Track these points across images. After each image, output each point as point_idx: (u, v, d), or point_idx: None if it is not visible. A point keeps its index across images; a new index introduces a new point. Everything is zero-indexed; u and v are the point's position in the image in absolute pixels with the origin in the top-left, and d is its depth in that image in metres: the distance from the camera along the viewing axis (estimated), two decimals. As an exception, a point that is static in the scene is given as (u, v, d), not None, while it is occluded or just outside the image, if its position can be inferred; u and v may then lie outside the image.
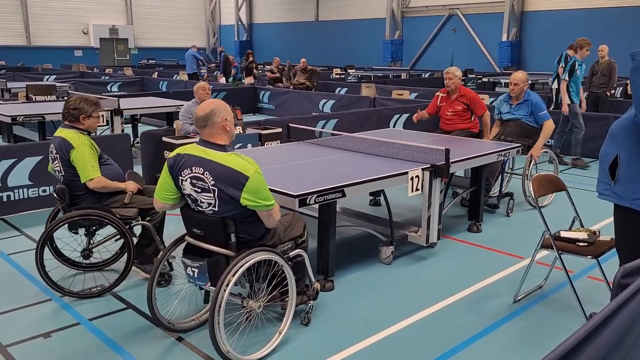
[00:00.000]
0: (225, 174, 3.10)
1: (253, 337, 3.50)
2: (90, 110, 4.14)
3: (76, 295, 4.07)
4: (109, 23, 29.54)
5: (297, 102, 13.71)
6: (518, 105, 6.40)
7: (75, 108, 4.11)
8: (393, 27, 24.63)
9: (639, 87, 2.87)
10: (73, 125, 4.13)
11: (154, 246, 4.32)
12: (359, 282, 4.41)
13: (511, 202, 6.21)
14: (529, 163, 6.24)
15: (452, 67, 6.73)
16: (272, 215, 3.25)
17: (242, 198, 3.10)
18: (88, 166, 3.98)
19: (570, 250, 3.76)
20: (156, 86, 16.55)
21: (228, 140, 3.27)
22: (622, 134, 3.12)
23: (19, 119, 8.02)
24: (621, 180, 3.15)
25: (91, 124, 4.19)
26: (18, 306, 3.98)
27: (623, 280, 1.92)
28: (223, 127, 3.21)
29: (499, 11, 20.84)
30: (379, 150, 5.32)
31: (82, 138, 4.06)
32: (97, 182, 4.01)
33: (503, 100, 6.61)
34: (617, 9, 18.08)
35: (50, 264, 4.11)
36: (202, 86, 7.03)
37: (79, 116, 4.11)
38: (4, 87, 12.86)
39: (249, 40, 31.99)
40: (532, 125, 6.35)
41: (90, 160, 4.00)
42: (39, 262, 3.95)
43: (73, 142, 3.99)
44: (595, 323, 1.54)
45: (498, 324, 3.76)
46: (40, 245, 3.96)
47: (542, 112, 6.26)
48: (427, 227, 4.76)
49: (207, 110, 3.20)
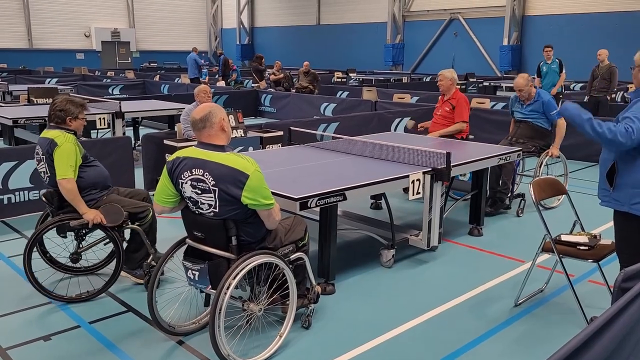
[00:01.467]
0: (225, 173, 3.11)
1: (254, 341, 3.50)
2: (76, 112, 4.10)
3: (64, 300, 4.04)
4: (111, 26, 29.57)
5: (299, 106, 13.72)
6: (529, 105, 6.41)
7: (62, 110, 4.07)
8: (394, 31, 24.66)
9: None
10: (59, 126, 4.09)
11: (143, 251, 4.25)
12: (360, 285, 4.41)
13: (522, 203, 6.28)
14: (540, 164, 6.28)
15: (444, 70, 6.78)
16: (272, 214, 3.25)
17: (243, 197, 3.10)
18: (67, 165, 3.90)
19: (571, 254, 3.76)
20: (158, 89, 16.57)
21: (226, 140, 3.29)
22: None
23: (20, 121, 8.03)
24: (619, 186, 3.22)
25: (77, 125, 4.14)
26: (18, 309, 3.98)
27: (624, 284, 1.93)
28: (221, 128, 3.24)
29: (500, 15, 20.87)
30: (380, 154, 5.32)
31: (67, 137, 4.00)
32: (68, 183, 3.90)
33: (514, 99, 6.65)
34: (617, 14, 18.09)
35: (37, 265, 4.07)
36: (203, 89, 7.01)
37: (65, 118, 4.08)
38: (5, 89, 12.89)
39: (250, 43, 32.03)
40: (543, 127, 6.38)
41: (70, 159, 3.92)
42: (26, 265, 3.92)
43: (57, 140, 3.94)
44: (596, 327, 1.54)
45: (499, 328, 3.76)
46: (28, 248, 3.93)
47: (554, 111, 6.27)
48: (428, 231, 4.76)
49: (204, 112, 3.22)
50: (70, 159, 3.92)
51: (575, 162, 9.14)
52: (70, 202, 3.95)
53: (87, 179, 4.07)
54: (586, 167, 8.79)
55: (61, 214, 4.03)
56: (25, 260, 3.92)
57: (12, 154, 6.10)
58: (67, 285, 4.21)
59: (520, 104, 6.51)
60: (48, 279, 4.20)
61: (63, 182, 3.91)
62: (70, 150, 3.94)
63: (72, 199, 3.94)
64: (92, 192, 4.11)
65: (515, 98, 6.63)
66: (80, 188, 4.00)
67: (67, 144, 3.94)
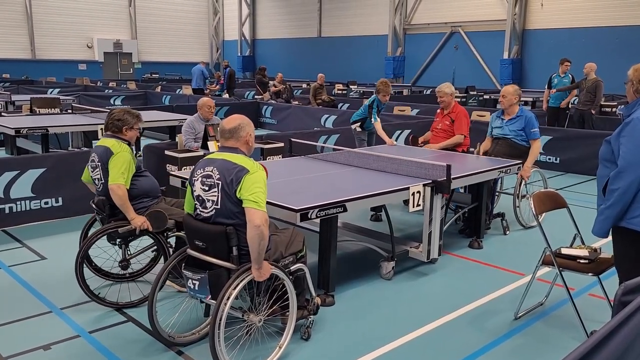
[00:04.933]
0: (229, 167, 3.25)
1: (253, 352, 3.49)
2: (132, 122, 4.30)
3: (118, 306, 4.12)
4: (113, 37, 29.70)
5: (299, 117, 13.75)
6: (510, 121, 6.21)
7: (119, 119, 4.27)
8: (395, 43, 24.77)
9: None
10: (115, 135, 4.26)
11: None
12: (360, 297, 4.40)
13: (504, 222, 6.13)
14: (519, 182, 6.18)
15: (443, 85, 6.66)
16: (257, 219, 3.09)
17: (238, 191, 3.17)
18: (119, 172, 4.05)
19: (571, 268, 3.76)
20: (159, 100, 16.62)
21: (247, 153, 3.43)
22: (609, 158, 3.23)
23: (23, 131, 8.06)
24: None
25: (132, 135, 4.34)
26: (18, 318, 3.98)
27: (624, 297, 1.93)
28: (246, 142, 3.42)
29: (501, 29, 20.97)
30: (380, 166, 5.33)
31: (122, 146, 4.18)
32: (119, 189, 4.02)
33: (495, 115, 6.47)
34: (618, 28, 18.18)
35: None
36: (207, 103, 6.97)
37: (122, 127, 4.26)
38: (8, 99, 12.92)
39: (252, 55, 32.17)
40: (522, 145, 6.16)
41: (123, 167, 4.07)
42: (78, 273, 4.03)
43: (114, 149, 4.12)
44: (596, 340, 1.55)
45: (499, 341, 3.75)
46: (80, 257, 4.04)
47: (535, 129, 6.10)
48: (428, 243, 4.76)
49: (234, 124, 3.39)
50: (124, 166, 4.07)
51: (574, 176, 9.17)
52: (120, 207, 4.07)
53: (140, 188, 4.23)
54: (586, 181, 8.80)
55: (112, 221, 4.14)
56: (77, 269, 4.03)
57: (14, 163, 6.13)
58: (116, 291, 4.28)
59: (501, 119, 6.31)
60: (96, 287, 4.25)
61: (114, 188, 4.02)
62: (125, 158, 4.10)
63: (121, 204, 4.05)
64: (144, 200, 4.26)
65: (495, 115, 6.46)
66: (133, 196, 4.14)
67: (123, 153, 4.12)
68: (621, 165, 3.09)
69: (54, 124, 8.53)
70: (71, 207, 6.37)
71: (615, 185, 3.11)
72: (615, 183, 3.11)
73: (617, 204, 3.12)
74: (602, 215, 3.21)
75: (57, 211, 6.32)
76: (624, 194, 3.09)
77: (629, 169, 3.06)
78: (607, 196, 3.17)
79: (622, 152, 3.11)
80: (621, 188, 3.09)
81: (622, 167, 3.08)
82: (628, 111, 3.23)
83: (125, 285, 4.43)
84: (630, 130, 3.09)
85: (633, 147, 3.06)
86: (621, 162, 3.09)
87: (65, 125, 8.84)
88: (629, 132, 3.10)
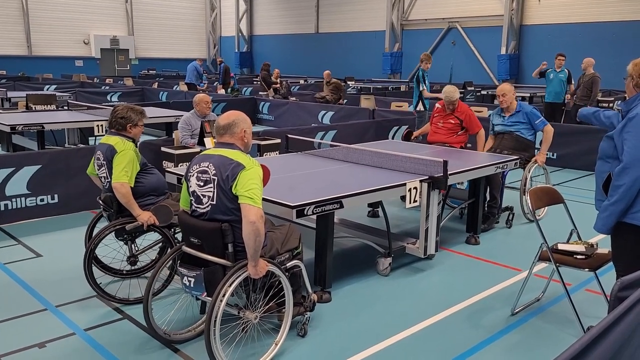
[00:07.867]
0: (225, 162, 3.24)
1: (249, 349, 3.48)
2: (136, 120, 4.28)
3: (129, 302, 4.12)
4: (110, 33, 29.61)
5: (297, 114, 13.74)
6: (511, 117, 6.32)
7: (123, 117, 4.24)
8: (392, 39, 24.74)
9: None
10: (119, 132, 4.24)
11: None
12: (356, 293, 4.40)
13: (511, 216, 6.22)
14: (526, 176, 6.23)
15: (450, 89, 6.65)
16: (252, 215, 3.07)
17: (234, 186, 3.17)
18: (122, 170, 4.03)
19: (568, 263, 3.75)
20: (156, 96, 16.59)
21: (244, 149, 3.41)
22: (612, 154, 3.23)
23: (18, 128, 8.02)
24: None
25: (137, 132, 4.32)
26: (13, 316, 3.96)
27: (620, 293, 1.93)
28: (241, 138, 3.39)
29: (498, 25, 20.96)
30: (377, 162, 5.32)
31: (127, 144, 4.16)
32: (122, 187, 4.01)
33: (495, 113, 6.56)
34: (615, 24, 18.18)
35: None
36: (203, 99, 6.96)
37: (126, 125, 4.24)
38: (4, 96, 12.88)
39: (249, 51, 32.10)
40: (527, 138, 6.29)
41: (127, 165, 4.05)
42: (87, 270, 4.04)
43: (117, 147, 4.10)
44: (593, 336, 1.54)
45: (495, 337, 3.74)
46: (88, 254, 4.04)
47: (539, 119, 6.26)
48: (425, 239, 4.75)
49: (228, 120, 3.38)
50: (127, 164, 4.05)
51: (572, 171, 9.17)
52: (125, 205, 4.06)
53: (147, 185, 4.22)
54: (583, 176, 8.81)
55: (120, 217, 4.13)
56: (86, 266, 4.03)
57: (9, 160, 6.09)
58: (125, 287, 4.28)
59: (501, 117, 6.41)
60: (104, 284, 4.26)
61: (117, 186, 4.01)
62: (129, 156, 4.08)
63: (126, 202, 4.04)
64: (152, 197, 4.26)
65: (495, 112, 6.56)
66: (140, 193, 4.14)
67: (127, 151, 4.10)
68: (626, 161, 3.08)
69: (50, 120, 8.49)
70: (67, 204, 6.34)
71: (621, 182, 3.10)
72: (620, 179, 3.10)
73: (622, 200, 3.11)
74: (606, 211, 3.19)
75: (53, 208, 6.30)
76: (629, 190, 3.08)
77: (634, 164, 3.05)
78: (611, 192, 3.15)
79: (626, 147, 3.09)
80: (626, 184, 3.07)
81: (627, 163, 3.07)
82: (628, 106, 3.22)
83: (135, 281, 4.43)
84: (634, 126, 3.08)
85: (638, 143, 3.05)
86: (626, 158, 3.08)
87: (61, 122, 8.82)
88: (633, 127, 3.09)
